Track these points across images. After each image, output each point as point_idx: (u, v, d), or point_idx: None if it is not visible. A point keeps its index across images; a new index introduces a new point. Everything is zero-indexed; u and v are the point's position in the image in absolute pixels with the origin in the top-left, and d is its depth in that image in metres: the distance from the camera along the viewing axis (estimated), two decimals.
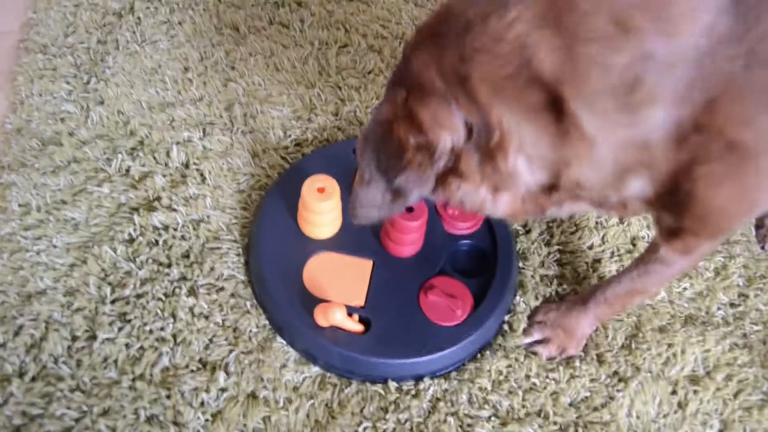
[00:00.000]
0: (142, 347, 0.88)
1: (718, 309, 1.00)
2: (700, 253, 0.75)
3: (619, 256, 1.03)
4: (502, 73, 0.59)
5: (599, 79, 0.57)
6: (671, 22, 0.55)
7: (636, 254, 1.02)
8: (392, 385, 0.86)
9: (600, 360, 0.92)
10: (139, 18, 1.25)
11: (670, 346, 0.94)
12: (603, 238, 1.04)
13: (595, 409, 0.87)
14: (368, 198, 0.73)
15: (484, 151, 0.64)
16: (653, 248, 0.78)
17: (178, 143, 1.08)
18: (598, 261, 1.02)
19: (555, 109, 0.59)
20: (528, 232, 1.04)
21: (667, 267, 0.79)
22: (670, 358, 0.93)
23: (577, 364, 0.91)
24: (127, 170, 1.04)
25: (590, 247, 1.03)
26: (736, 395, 0.91)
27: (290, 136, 1.11)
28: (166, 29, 1.24)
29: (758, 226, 1.10)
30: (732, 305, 1.00)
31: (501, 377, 0.89)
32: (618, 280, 0.86)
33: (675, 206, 0.65)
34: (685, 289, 1.01)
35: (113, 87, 1.14)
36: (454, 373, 0.89)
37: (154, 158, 1.05)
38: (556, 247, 1.02)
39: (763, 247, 1.08)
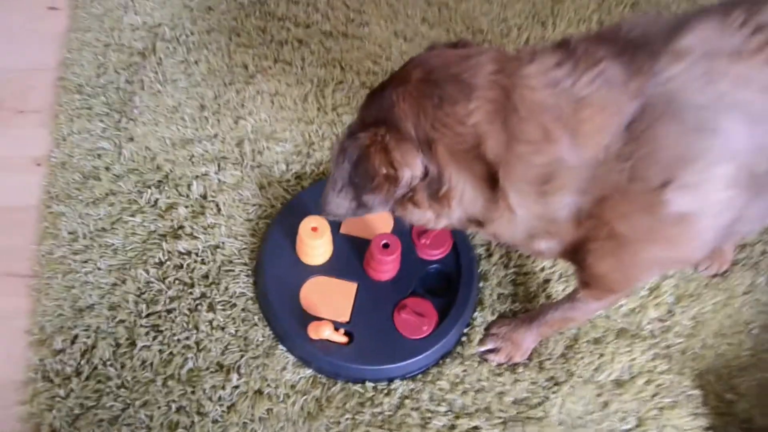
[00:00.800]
0: (171, 353, 1.10)
1: (648, 323, 1.19)
2: (611, 300, 0.95)
3: (566, 277, 1.21)
4: (459, 147, 0.76)
5: (524, 170, 0.75)
6: (581, 138, 0.72)
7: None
8: (369, 385, 1.08)
9: (540, 366, 1.12)
10: (160, 58, 1.43)
11: (601, 355, 1.14)
12: (554, 262, 1.23)
13: (533, 407, 1.08)
14: (337, 202, 0.85)
15: (434, 192, 0.81)
16: (576, 291, 0.97)
17: (197, 177, 1.28)
18: (547, 282, 1.21)
19: (491, 181, 0.78)
20: (490, 255, 1.23)
21: (588, 306, 0.99)
22: (601, 366, 1.13)
23: (521, 369, 1.11)
24: (155, 202, 1.25)
25: (541, 270, 1.22)
26: (653, 397, 1.11)
27: (291, 169, 1.31)
28: (184, 68, 1.43)
29: None
30: (660, 320, 1.19)
31: (457, 380, 1.10)
32: (555, 308, 1.05)
33: (577, 265, 0.85)
34: (621, 306, 1.20)
35: (141, 125, 1.33)
36: (419, 376, 1.10)
37: (178, 191, 1.26)
38: (512, 269, 1.21)
39: (695, 269, 1.26)
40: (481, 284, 1.19)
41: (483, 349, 1.12)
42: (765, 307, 1.22)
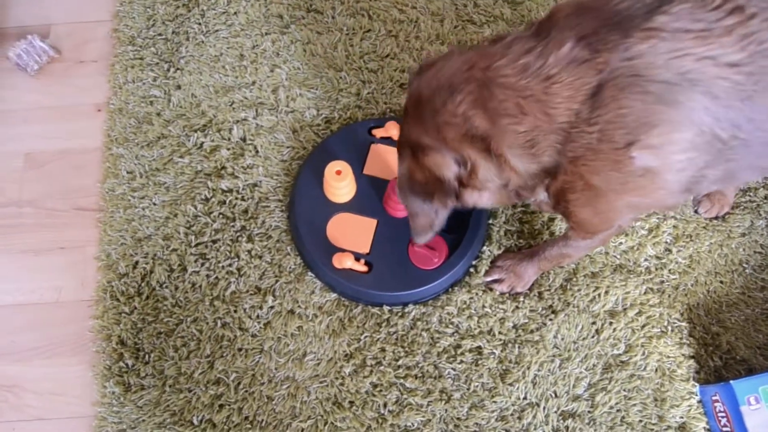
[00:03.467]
0: (216, 277, 1.28)
1: (645, 260, 1.29)
2: (600, 238, 1.06)
3: None
4: (460, 133, 0.92)
5: (512, 139, 0.90)
6: (551, 108, 0.86)
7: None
8: (386, 308, 1.24)
9: (540, 296, 1.25)
10: (203, 10, 1.55)
11: (597, 288, 1.25)
12: None
13: (530, 331, 1.22)
14: (422, 224, 1.03)
15: (469, 173, 0.97)
16: (568, 233, 1.08)
17: (237, 122, 1.42)
18: (551, 220, 1.32)
19: (495, 153, 0.92)
20: None
21: (579, 243, 1.10)
22: (596, 298, 1.24)
23: (522, 299, 1.24)
24: (201, 144, 1.40)
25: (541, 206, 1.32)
26: (642, 327, 1.23)
27: (321, 114, 1.43)
28: (225, 19, 1.54)
29: None
30: (657, 258, 1.29)
31: (464, 306, 1.24)
32: (552, 245, 1.17)
33: (563, 215, 0.98)
34: (620, 243, 1.30)
35: (187, 74, 1.47)
36: (430, 302, 1.25)
37: (220, 135, 1.40)
38: (520, 208, 1.32)
39: (696, 211, 1.34)
40: (490, 221, 1.31)
41: (488, 279, 1.25)
42: (761, 248, 1.30)
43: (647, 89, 0.80)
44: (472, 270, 1.27)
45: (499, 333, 1.22)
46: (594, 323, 1.23)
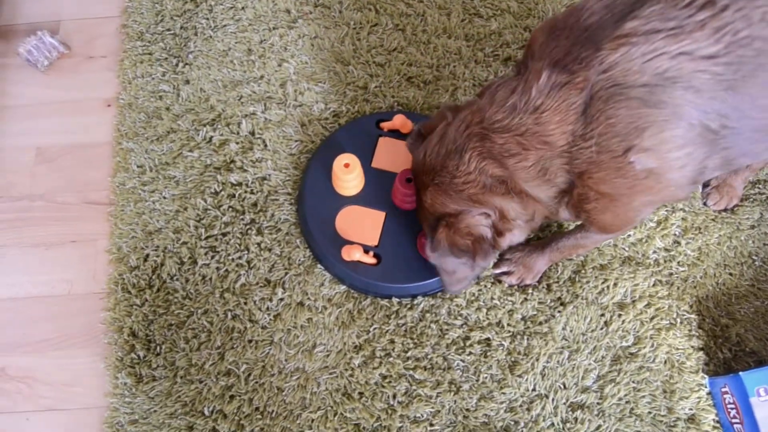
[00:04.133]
0: (227, 270, 1.29)
1: (654, 253, 1.29)
2: (621, 232, 1.06)
3: None
4: (480, 186, 0.99)
5: (525, 174, 0.95)
6: (547, 136, 0.91)
7: None
8: (395, 300, 1.24)
9: (549, 288, 1.25)
10: (211, 5, 1.55)
11: (606, 280, 1.25)
12: None
13: (539, 323, 1.22)
14: (458, 278, 1.10)
15: (500, 219, 1.03)
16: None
17: (246, 116, 1.42)
18: None
19: (515, 191, 0.98)
20: None
21: (596, 236, 1.11)
22: (604, 290, 1.25)
23: (530, 291, 1.25)
24: (210, 138, 1.41)
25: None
26: (651, 319, 1.23)
27: (329, 108, 1.43)
28: (233, 14, 1.55)
29: (705, 184, 1.35)
30: (666, 250, 1.29)
31: (473, 298, 1.24)
32: (567, 236, 1.17)
33: (586, 221, 1.02)
34: (629, 236, 1.30)
35: (195, 69, 1.48)
36: (439, 294, 1.25)
37: (229, 129, 1.41)
38: None
39: (705, 203, 1.34)
40: None
41: (497, 271, 1.26)
42: None
43: (629, 95, 0.83)
44: None
45: (508, 325, 1.22)
46: (603, 315, 1.23)
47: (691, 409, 1.17)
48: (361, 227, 1.26)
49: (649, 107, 0.82)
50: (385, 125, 1.34)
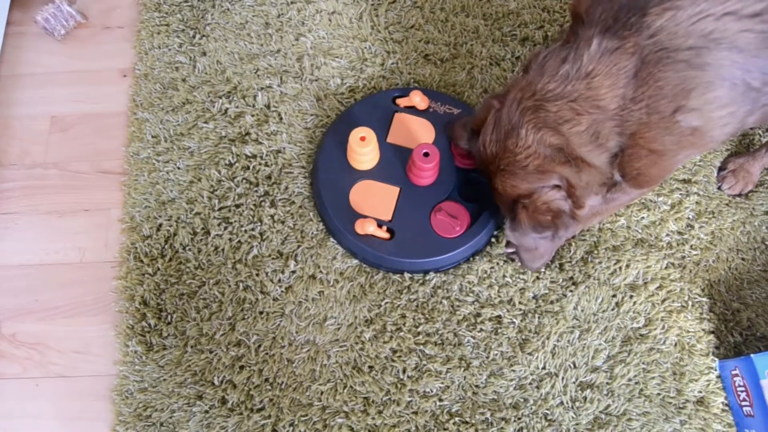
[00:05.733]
0: (239, 241, 1.29)
1: (666, 235, 1.29)
2: (648, 188, 1.09)
3: None
4: (542, 158, 1.00)
5: (579, 140, 0.97)
6: (599, 100, 0.93)
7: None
8: (407, 275, 1.24)
9: (561, 268, 1.25)
10: None
11: (618, 261, 1.25)
12: None
13: (551, 302, 1.22)
14: (540, 254, 1.12)
15: (569, 188, 1.04)
16: (617, 185, 1.10)
17: (262, 89, 1.42)
18: None
19: (572, 158, 0.99)
20: None
21: (626, 195, 1.13)
22: (617, 271, 1.25)
23: (542, 270, 1.25)
24: (226, 110, 1.40)
25: None
26: (663, 301, 1.23)
27: (346, 83, 1.43)
28: None
29: (721, 168, 1.34)
30: (679, 233, 1.29)
31: (485, 275, 1.24)
32: None
33: (631, 178, 1.03)
34: (642, 218, 1.30)
35: (212, 41, 1.48)
36: (451, 270, 1.25)
37: (245, 101, 1.41)
38: None
39: (719, 188, 1.33)
40: None
41: (510, 250, 1.26)
42: None
43: (676, 59, 0.86)
44: (493, 240, 1.27)
45: (519, 303, 1.22)
46: (614, 296, 1.23)
47: (700, 392, 1.17)
48: (375, 202, 1.26)
49: (694, 69, 0.86)
50: (402, 101, 1.34)
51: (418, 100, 1.32)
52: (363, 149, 1.23)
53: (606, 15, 0.92)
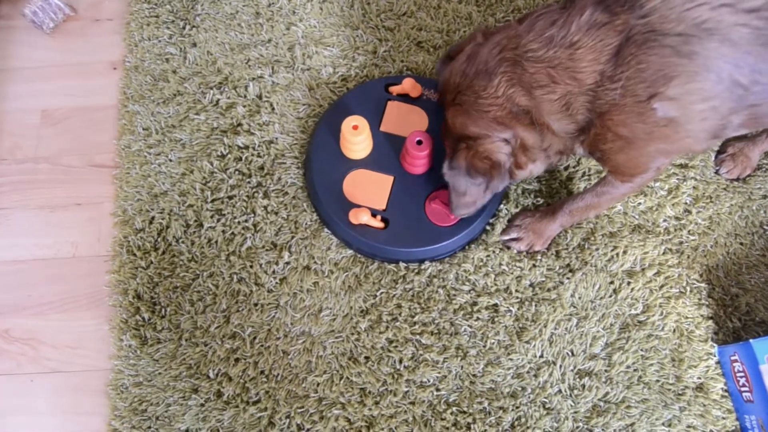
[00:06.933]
0: (233, 233, 1.27)
1: (664, 221, 1.27)
2: (638, 183, 1.06)
3: (588, 176, 1.30)
4: (505, 112, 0.99)
5: (550, 107, 0.95)
6: (577, 72, 0.91)
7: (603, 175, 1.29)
8: (402, 265, 1.23)
9: (557, 255, 1.24)
10: None
11: (615, 247, 1.24)
12: (578, 161, 1.31)
13: (548, 290, 1.21)
14: (467, 200, 1.10)
15: (520, 148, 1.03)
16: (606, 176, 1.08)
17: (253, 79, 1.40)
18: (570, 179, 1.30)
19: (537, 123, 0.98)
20: None
21: (616, 189, 1.10)
22: (614, 257, 1.23)
23: (539, 257, 1.23)
24: (217, 102, 1.39)
25: (565, 168, 1.31)
26: (661, 287, 1.22)
27: (338, 72, 1.41)
28: None
29: (719, 152, 1.33)
30: (676, 218, 1.28)
31: (481, 263, 1.23)
32: (581, 197, 1.16)
33: (600, 161, 1.01)
34: (639, 204, 1.28)
35: (202, 32, 1.46)
36: (447, 259, 1.24)
37: (236, 92, 1.39)
38: None
39: (717, 171, 1.32)
40: None
41: (506, 237, 1.24)
42: None
43: (663, 43, 0.83)
44: (488, 228, 1.26)
45: (516, 291, 1.21)
46: (612, 283, 1.22)
47: (699, 378, 1.16)
48: (369, 191, 1.25)
49: (680, 57, 0.83)
50: (394, 89, 1.33)
51: (410, 87, 1.31)
52: (356, 138, 1.21)
53: None
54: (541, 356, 1.18)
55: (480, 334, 1.19)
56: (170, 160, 1.34)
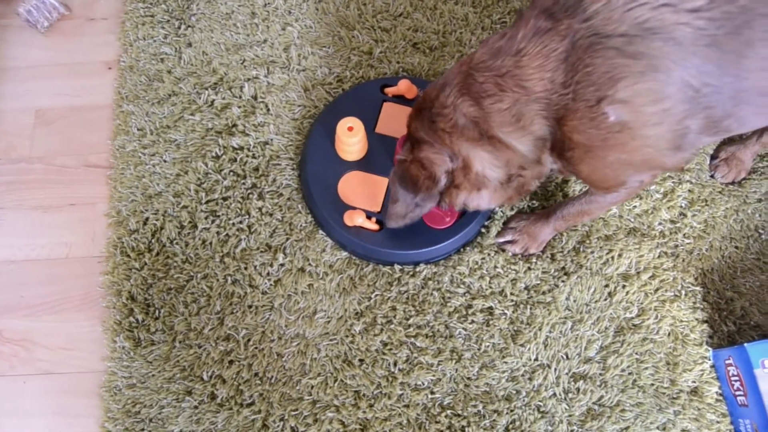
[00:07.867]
0: (227, 234, 1.27)
1: (659, 224, 1.27)
2: (623, 195, 1.04)
3: None
4: (450, 124, 0.98)
5: (499, 117, 0.94)
6: (524, 80, 0.89)
7: None
8: (397, 267, 1.23)
9: (552, 258, 1.24)
10: None
11: (610, 250, 1.24)
12: None
13: (543, 293, 1.21)
14: (398, 211, 1.09)
15: (462, 169, 1.01)
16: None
17: (248, 80, 1.40)
18: (566, 182, 1.30)
19: (487, 137, 0.96)
20: None
21: (603, 198, 1.08)
22: (609, 260, 1.23)
23: (534, 260, 1.23)
24: (212, 102, 1.38)
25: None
26: (655, 291, 1.21)
27: (333, 73, 1.41)
28: None
29: (713, 157, 1.33)
30: (671, 222, 1.27)
31: (476, 266, 1.23)
32: (572, 203, 1.15)
33: (571, 173, 1.00)
34: (634, 207, 1.28)
35: (198, 32, 1.45)
36: (442, 261, 1.24)
37: (231, 92, 1.39)
38: None
39: (712, 176, 1.32)
40: None
41: (501, 240, 1.24)
42: None
43: (607, 45, 0.82)
44: (483, 231, 1.26)
45: (511, 294, 1.21)
46: (607, 286, 1.22)
47: (694, 382, 1.16)
48: (364, 193, 1.24)
49: (625, 57, 0.81)
50: (390, 90, 1.32)
51: (406, 89, 1.30)
52: (351, 140, 1.21)
53: None
54: (536, 359, 1.17)
55: (475, 337, 1.18)
56: (165, 161, 1.34)
